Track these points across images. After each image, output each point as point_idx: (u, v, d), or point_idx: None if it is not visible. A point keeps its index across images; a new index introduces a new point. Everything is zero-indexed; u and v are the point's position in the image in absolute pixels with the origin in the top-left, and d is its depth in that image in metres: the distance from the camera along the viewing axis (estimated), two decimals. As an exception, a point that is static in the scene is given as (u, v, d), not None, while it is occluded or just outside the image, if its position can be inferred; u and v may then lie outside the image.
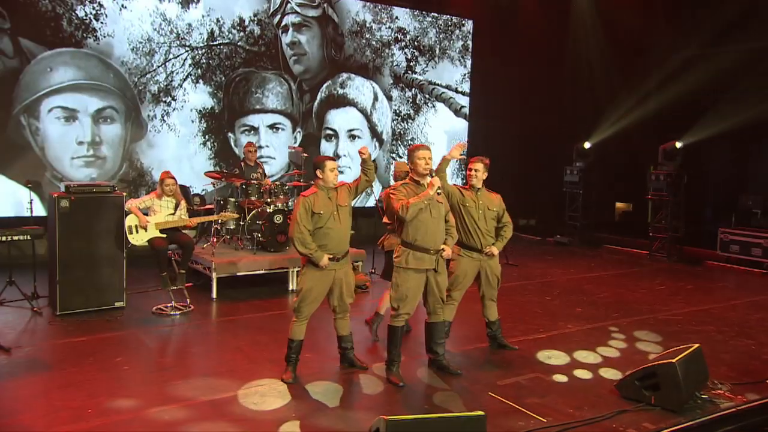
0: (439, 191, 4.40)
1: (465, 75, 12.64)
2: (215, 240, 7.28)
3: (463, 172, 10.03)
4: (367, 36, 11.41)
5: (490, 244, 5.14)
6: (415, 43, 11.93)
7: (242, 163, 8.10)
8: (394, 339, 4.53)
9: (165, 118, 9.67)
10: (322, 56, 10.98)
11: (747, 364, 5.14)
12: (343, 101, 11.27)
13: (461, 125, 12.74)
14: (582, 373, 4.82)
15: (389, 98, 11.80)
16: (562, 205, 11.77)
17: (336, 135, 11.25)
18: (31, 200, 6.19)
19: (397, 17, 11.66)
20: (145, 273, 7.13)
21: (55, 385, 4.33)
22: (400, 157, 12.10)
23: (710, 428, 4.01)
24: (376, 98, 11.64)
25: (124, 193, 6.28)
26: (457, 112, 12.62)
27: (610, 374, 4.78)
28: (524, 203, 13.01)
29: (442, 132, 12.56)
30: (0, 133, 8.56)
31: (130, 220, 6.00)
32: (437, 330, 4.74)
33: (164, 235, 6.11)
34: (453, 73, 12.53)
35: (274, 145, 10.48)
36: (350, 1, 11.15)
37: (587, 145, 11.30)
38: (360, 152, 4.56)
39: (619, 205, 12.23)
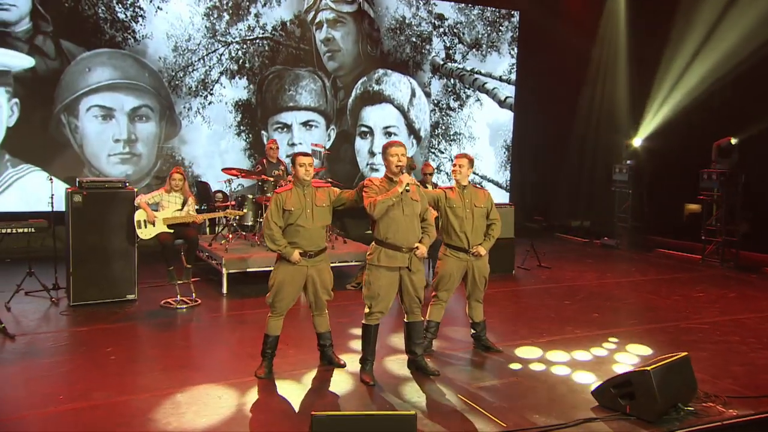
0: (407, 188, 4.47)
1: (512, 65, 12.57)
2: (230, 236, 7.65)
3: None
4: (407, 32, 11.56)
5: (478, 244, 5.17)
6: (454, 31, 11.96)
7: (264, 160, 8.44)
8: (367, 338, 4.64)
9: (200, 111, 10.22)
10: (357, 52, 11.23)
11: (757, 378, 4.91)
12: (378, 98, 11.47)
13: (505, 117, 12.67)
14: (563, 380, 4.77)
15: (427, 94, 11.90)
16: (611, 205, 11.47)
17: (371, 132, 11.46)
18: (52, 195, 6.74)
19: (435, 3, 11.75)
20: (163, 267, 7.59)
21: (39, 372, 4.73)
22: (442, 152, 12.20)
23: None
24: (413, 94, 11.76)
25: (135, 189, 6.73)
26: (502, 102, 12.56)
27: (594, 382, 4.71)
28: (575, 203, 12.79)
29: (485, 125, 12.53)
30: (42, 131, 9.33)
31: (139, 215, 6.42)
32: (415, 330, 4.82)
33: (171, 230, 6.49)
34: (498, 64, 12.48)
35: (307, 143, 10.81)
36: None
37: (638, 141, 10.95)
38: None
39: (690, 206, 11.72)
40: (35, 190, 8.74)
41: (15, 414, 4.04)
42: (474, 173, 12.35)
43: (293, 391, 4.43)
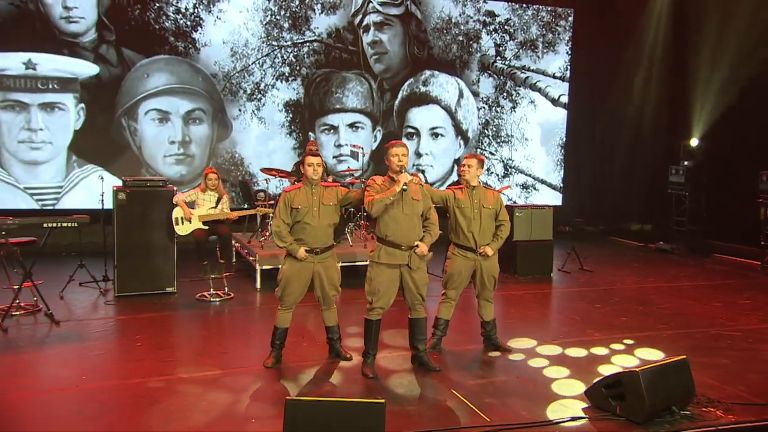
0: (405, 188, 4.65)
1: (566, 63, 12.48)
2: (267, 234, 8.06)
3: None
4: (453, 31, 11.70)
5: (485, 244, 5.28)
6: (506, 28, 11.99)
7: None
8: (368, 332, 4.84)
9: (256, 113, 10.77)
10: (404, 54, 11.47)
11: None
12: (425, 99, 11.66)
13: (558, 117, 12.57)
14: (563, 380, 4.81)
15: (475, 94, 11.98)
16: (668, 208, 11.17)
17: (417, 133, 11.66)
18: (102, 193, 7.36)
19: (485, 2, 11.83)
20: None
21: (73, 354, 5.24)
22: (492, 154, 12.24)
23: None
24: (461, 95, 11.88)
25: (174, 188, 7.23)
26: (555, 101, 12.47)
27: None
28: (633, 205, 12.52)
29: (536, 125, 12.48)
30: (105, 133, 10.11)
31: (176, 213, 6.91)
32: (418, 326, 4.99)
33: (206, 227, 6.96)
34: (551, 62, 12.42)
35: (360, 143, 11.12)
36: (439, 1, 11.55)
37: (695, 141, 10.61)
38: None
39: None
40: (99, 189, 9.47)
41: (46, 389, 4.53)
42: (527, 174, 12.35)
43: (295, 381, 4.71)
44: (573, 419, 4.15)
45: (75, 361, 5.10)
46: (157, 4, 10.18)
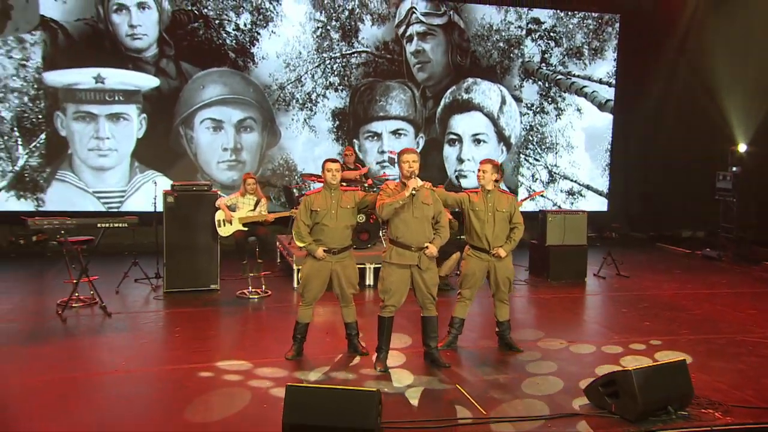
0: (414, 192, 4.89)
1: (612, 68, 12.40)
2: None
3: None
4: (495, 38, 11.83)
5: (498, 246, 5.45)
6: (551, 35, 12.02)
7: (341, 166, 9.15)
8: (381, 329, 5.10)
9: (307, 121, 11.23)
10: (447, 62, 11.68)
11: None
12: (467, 106, 11.83)
13: (603, 123, 12.48)
14: (568, 379, 4.92)
15: (518, 99, 12.05)
16: (716, 215, 10.90)
17: (459, 139, 11.84)
18: (155, 196, 7.93)
19: (530, 9, 11.93)
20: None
21: (119, 342, 5.75)
22: (537, 161, 12.28)
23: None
24: (504, 102, 11.97)
25: (218, 191, 7.71)
26: (602, 105, 12.39)
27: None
28: (682, 212, 12.28)
29: (581, 130, 12.43)
30: (164, 141, 10.78)
31: (218, 215, 7.38)
32: (430, 324, 5.20)
33: (246, 229, 7.40)
34: (597, 68, 12.37)
35: (397, 150, 11.40)
36: (478, 6, 11.70)
37: (743, 147, 10.34)
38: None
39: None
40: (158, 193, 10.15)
41: (93, 372, 5.03)
42: (572, 180, 12.32)
43: (311, 371, 5.02)
44: (568, 415, 4.29)
45: (120, 349, 5.60)
46: (217, 21, 10.79)
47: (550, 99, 12.26)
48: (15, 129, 10.26)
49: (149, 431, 3.99)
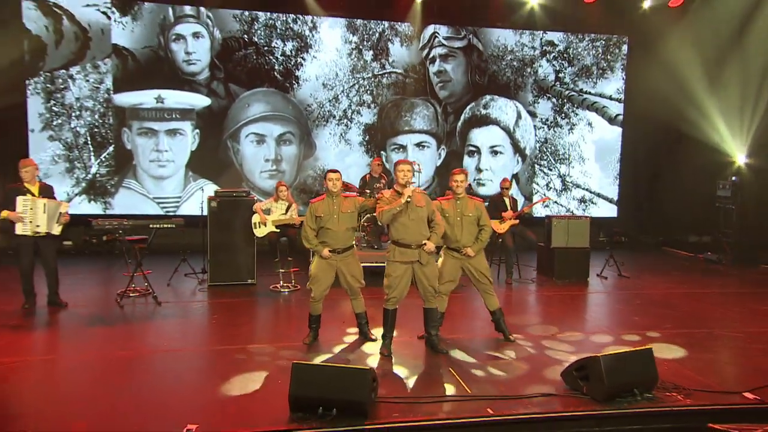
0: (408, 200, 5.13)
1: (621, 86, 12.39)
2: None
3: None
4: (508, 57, 11.97)
5: (466, 246, 5.60)
6: (564, 56, 12.10)
7: (368, 176, 9.45)
8: (385, 319, 5.34)
9: (343, 135, 11.59)
10: (467, 81, 11.87)
11: (741, 378, 4.81)
12: (485, 120, 11.99)
13: (613, 135, 12.47)
14: (551, 364, 5.07)
15: (532, 114, 12.15)
16: (717, 221, 10.80)
17: (478, 151, 12.00)
18: (202, 201, 8.37)
19: (545, 33, 12.03)
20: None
21: (166, 327, 6.16)
22: (550, 170, 12.34)
23: (618, 421, 4.13)
24: (519, 116, 12.09)
25: (255, 197, 8.09)
26: (612, 120, 12.39)
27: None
28: (688, 218, 12.15)
29: (592, 143, 12.44)
30: (214, 153, 11.27)
31: (255, 218, 7.76)
32: (430, 315, 5.43)
33: (278, 230, 7.76)
34: (606, 85, 12.37)
35: (420, 160, 11.63)
36: (494, 30, 11.87)
37: (741, 158, 10.22)
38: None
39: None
40: (204, 199, 10.63)
41: (142, 351, 5.43)
42: (584, 189, 12.34)
43: (324, 354, 5.32)
44: (546, 395, 4.45)
45: (166, 332, 6.01)
46: (266, 48, 11.25)
47: (563, 114, 12.32)
48: (88, 142, 10.91)
49: (186, 401, 4.33)
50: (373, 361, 5.14)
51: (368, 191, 8.78)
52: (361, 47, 11.52)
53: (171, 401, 4.28)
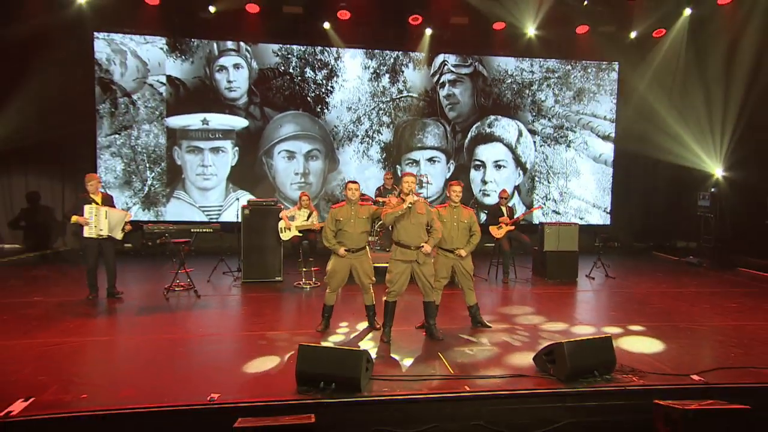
0: (411, 206, 5.46)
1: (613, 107, 12.51)
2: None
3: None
4: (509, 81, 12.22)
5: (459, 248, 5.91)
6: (562, 81, 12.30)
7: (382, 187, 9.81)
8: (386, 310, 5.66)
9: (365, 152, 11.98)
10: (473, 103, 12.17)
11: (694, 363, 4.99)
12: (490, 138, 12.25)
13: (606, 150, 12.61)
14: (525, 350, 5.31)
15: (532, 132, 12.35)
16: (702, 228, 10.83)
17: (483, 165, 12.26)
18: (238, 210, 8.83)
19: (544, 60, 12.24)
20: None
21: (202, 317, 6.57)
22: (549, 182, 12.50)
23: (578, 398, 4.37)
24: (520, 134, 12.31)
25: (281, 206, 8.51)
26: (605, 137, 12.52)
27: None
28: (676, 225, 12.20)
29: (587, 158, 12.56)
30: (251, 168, 11.79)
31: (281, 224, 8.17)
32: (429, 307, 5.71)
33: (301, 234, 8.16)
34: (598, 106, 12.50)
35: (431, 174, 11.99)
36: (498, 57, 12.14)
37: (720, 171, 10.26)
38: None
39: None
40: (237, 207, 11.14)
41: (182, 335, 5.87)
42: (580, 199, 12.47)
43: (332, 339, 5.67)
44: (518, 375, 4.72)
45: (203, 320, 6.42)
46: (299, 78, 11.75)
47: (560, 133, 12.50)
48: (145, 159, 11.54)
49: (214, 376, 4.72)
50: (374, 346, 5.46)
51: (380, 200, 9.13)
52: (378, 72, 11.90)
53: (201, 375, 4.68)
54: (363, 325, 6.15)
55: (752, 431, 3.96)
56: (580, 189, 12.66)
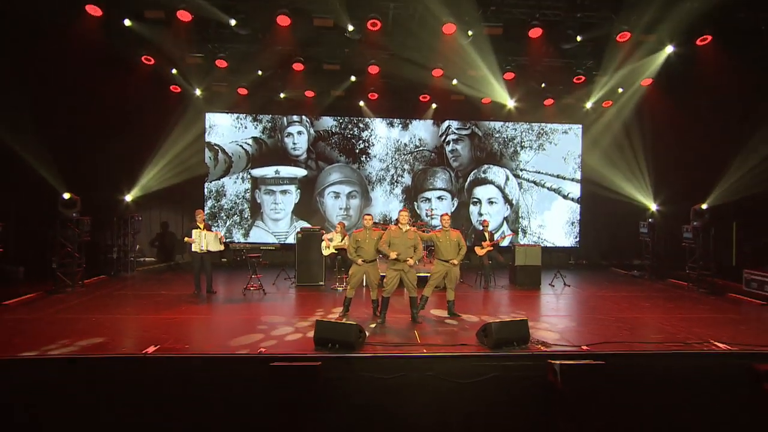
0: (395, 257, 6.52)
1: (578, 163, 13.17)
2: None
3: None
4: (495, 135, 13.16)
5: (452, 259, 6.92)
6: (528, 144, 13.11)
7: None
8: (383, 302, 6.72)
9: (392, 191, 13.18)
10: (471, 156, 13.17)
11: (593, 340, 5.73)
12: (484, 181, 13.17)
13: (574, 189, 13.20)
14: (473, 330, 6.17)
15: (516, 176, 13.19)
16: (641, 249, 11.26)
17: (479, 202, 13.17)
18: (291, 232, 10.14)
19: (517, 125, 13.14)
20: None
21: (259, 308, 7.83)
22: (530, 214, 13.19)
23: (500, 359, 5.27)
24: (507, 178, 13.18)
25: (324, 231, 9.79)
26: (565, 197, 13.16)
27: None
28: (628, 247, 12.54)
29: (560, 199, 13.21)
30: (309, 205, 13.17)
31: (323, 244, 9.41)
32: (413, 300, 6.76)
33: (337, 252, 9.37)
34: (563, 166, 13.20)
35: (440, 208, 13.02)
36: (488, 122, 13.17)
37: (654, 206, 10.77)
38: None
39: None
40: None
41: (250, 317, 7.13)
42: (551, 229, 13.06)
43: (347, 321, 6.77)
44: (462, 345, 5.65)
45: (265, 309, 7.64)
46: (349, 137, 13.18)
47: (531, 188, 13.22)
48: (237, 201, 13.17)
49: (267, 339, 5.89)
50: (374, 325, 6.49)
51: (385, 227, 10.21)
52: (399, 135, 13.13)
53: (259, 339, 5.90)
54: (367, 312, 7.21)
55: (603, 378, 4.78)
56: (552, 219, 13.30)
